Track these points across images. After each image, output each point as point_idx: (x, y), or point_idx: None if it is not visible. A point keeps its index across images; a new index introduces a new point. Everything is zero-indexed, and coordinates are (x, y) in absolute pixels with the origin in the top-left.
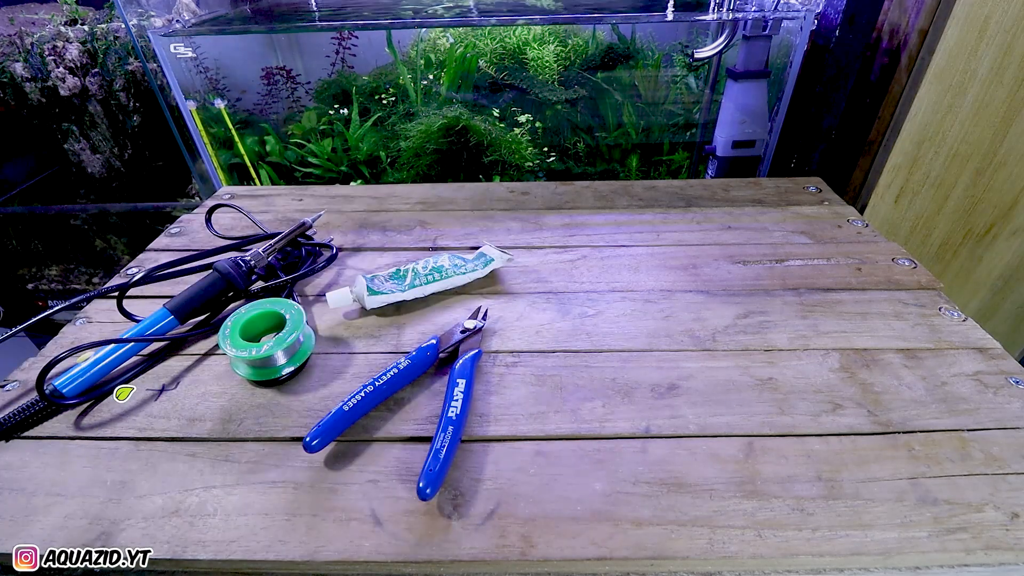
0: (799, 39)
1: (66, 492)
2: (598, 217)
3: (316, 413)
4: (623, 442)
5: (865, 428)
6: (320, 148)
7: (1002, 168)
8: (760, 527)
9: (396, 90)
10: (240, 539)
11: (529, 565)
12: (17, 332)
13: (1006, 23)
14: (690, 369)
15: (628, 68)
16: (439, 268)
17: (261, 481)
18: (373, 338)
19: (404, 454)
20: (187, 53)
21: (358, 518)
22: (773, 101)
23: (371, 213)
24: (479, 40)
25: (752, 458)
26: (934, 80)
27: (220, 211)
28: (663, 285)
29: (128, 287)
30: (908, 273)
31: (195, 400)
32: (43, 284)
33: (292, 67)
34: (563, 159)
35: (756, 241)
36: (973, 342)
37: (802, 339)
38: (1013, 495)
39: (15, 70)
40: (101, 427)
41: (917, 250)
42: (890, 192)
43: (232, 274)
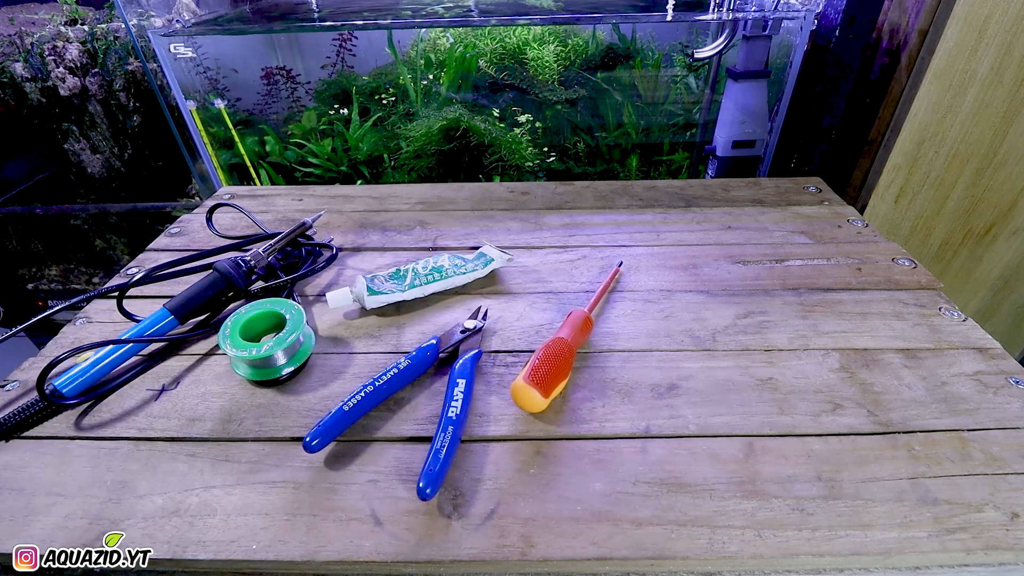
0: (799, 39)
1: (66, 492)
2: (598, 217)
3: (316, 413)
4: (623, 442)
5: (865, 428)
6: (320, 148)
7: (1002, 168)
8: (760, 527)
9: (396, 90)
10: (240, 539)
11: (529, 565)
12: (17, 332)
13: (1006, 23)
14: (690, 369)
15: (628, 68)
16: (439, 268)
17: (261, 481)
18: (373, 338)
19: (404, 454)
20: (187, 53)
21: (358, 518)
22: (773, 101)
23: (371, 213)
24: (479, 40)
25: (752, 458)
26: (934, 80)
27: (220, 211)
28: (663, 285)
29: (128, 287)
30: (908, 273)
31: (195, 400)
32: (43, 284)
33: (292, 67)
34: (563, 159)
35: (756, 241)
36: (973, 342)
37: (802, 339)
38: (1013, 495)
39: (15, 70)
40: (101, 427)
41: (917, 250)
42: (890, 192)
43: (232, 274)
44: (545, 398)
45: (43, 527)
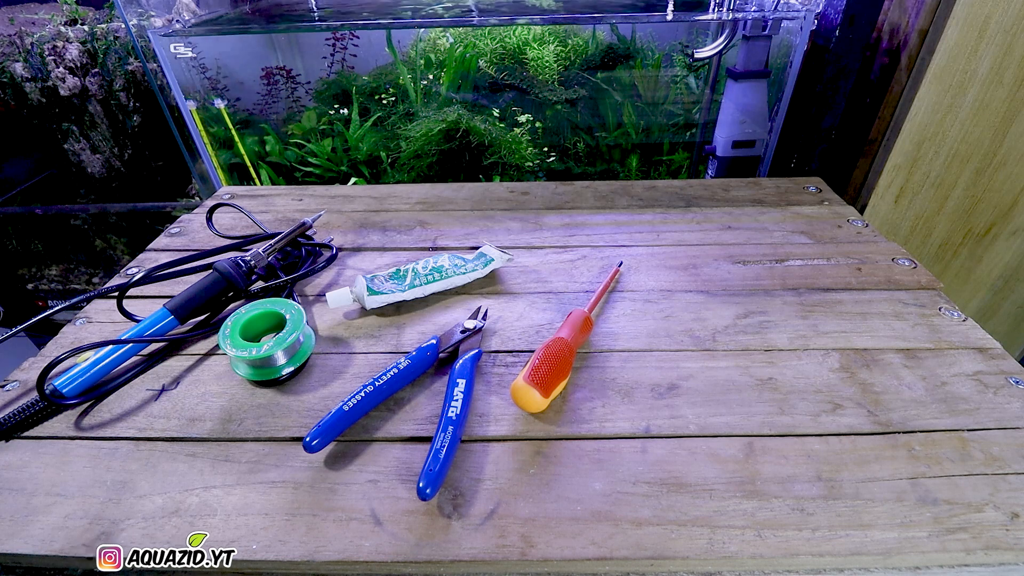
0: (799, 39)
1: (66, 492)
2: (598, 217)
3: (316, 413)
4: (623, 442)
5: (865, 428)
6: (320, 148)
7: (1002, 168)
8: (760, 527)
9: (396, 90)
10: (240, 539)
11: (529, 565)
12: (17, 332)
13: (1006, 23)
14: (690, 369)
15: (628, 68)
16: (439, 268)
17: (261, 481)
18: (373, 338)
19: (404, 454)
20: (187, 53)
21: (358, 518)
22: (773, 101)
23: (371, 213)
24: (479, 40)
25: (752, 458)
26: (934, 80)
27: (220, 211)
28: (663, 285)
29: (128, 287)
30: (908, 273)
31: (195, 400)
32: (43, 284)
33: (292, 67)
34: (563, 159)
35: (756, 241)
36: (973, 342)
37: (802, 339)
38: (1013, 495)
39: (15, 70)
40: (101, 427)
41: (917, 250)
42: (890, 192)
43: (232, 274)
44: (545, 398)
45: (43, 527)
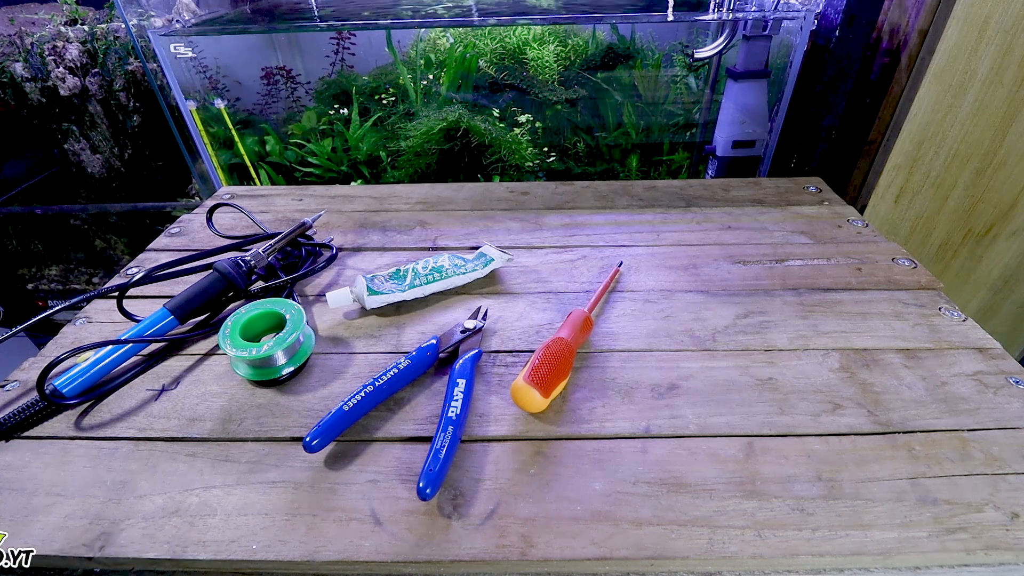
0: (799, 39)
1: (66, 492)
2: (598, 217)
3: (316, 413)
4: (623, 442)
5: (865, 428)
6: (320, 148)
7: (1002, 168)
8: (760, 527)
9: (396, 90)
10: (240, 539)
11: (529, 565)
12: (17, 332)
13: (1006, 23)
14: (690, 369)
15: (628, 68)
16: (439, 268)
17: (261, 481)
18: (373, 338)
19: (404, 454)
20: (187, 53)
21: (358, 518)
22: (773, 101)
23: (371, 213)
24: (479, 40)
25: (752, 458)
26: (934, 80)
27: (220, 211)
28: (663, 285)
29: (128, 287)
30: (908, 273)
31: (195, 400)
32: (43, 284)
33: (292, 67)
34: (563, 159)
35: (756, 241)
36: (973, 342)
37: (802, 339)
38: (1013, 495)
39: (15, 70)
40: (101, 427)
41: (917, 250)
42: (890, 192)
43: (232, 274)
44: (545, 398)
45: (43, 527)
